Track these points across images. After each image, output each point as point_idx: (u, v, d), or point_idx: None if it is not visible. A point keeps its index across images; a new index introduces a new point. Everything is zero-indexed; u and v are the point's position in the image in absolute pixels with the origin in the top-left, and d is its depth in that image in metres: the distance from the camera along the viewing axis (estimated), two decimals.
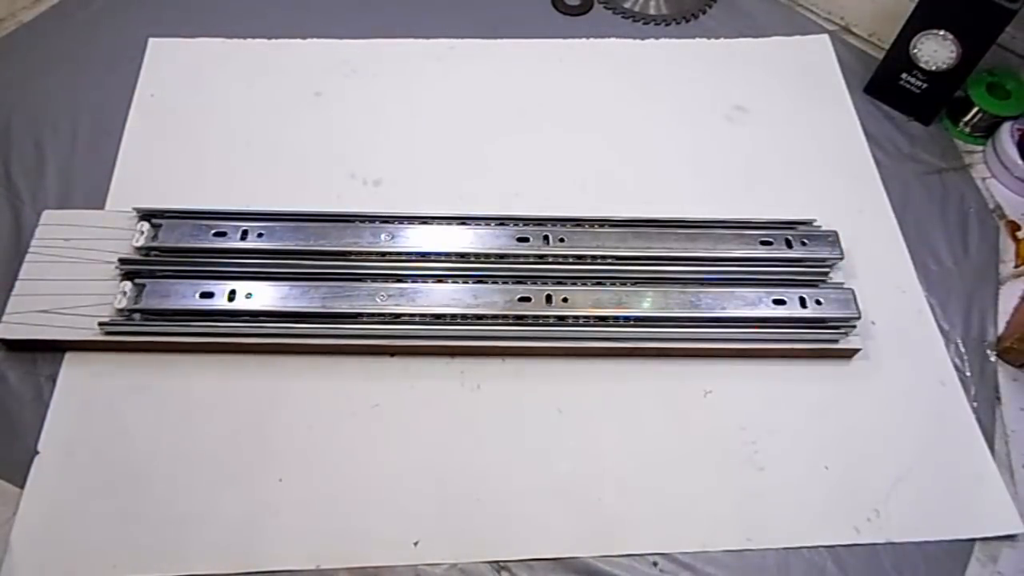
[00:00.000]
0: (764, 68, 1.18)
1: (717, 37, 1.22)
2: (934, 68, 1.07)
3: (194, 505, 0.78)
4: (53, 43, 1.14)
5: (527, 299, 0.87)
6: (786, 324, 0.88)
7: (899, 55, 1.09)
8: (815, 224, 0.96)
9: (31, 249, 0.90)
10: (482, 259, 0.91)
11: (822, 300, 0.89)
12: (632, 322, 0.87)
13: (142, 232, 0.89)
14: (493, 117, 1.10)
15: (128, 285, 0.86)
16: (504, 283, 0.89)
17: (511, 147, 1.06)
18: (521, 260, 0.91)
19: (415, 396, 0.86)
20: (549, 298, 0.88)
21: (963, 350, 0.93)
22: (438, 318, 0.86)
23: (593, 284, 0.90)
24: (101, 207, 0.97)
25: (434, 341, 0.86)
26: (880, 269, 0.97)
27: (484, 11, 1.22)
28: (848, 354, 0.90)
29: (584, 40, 1.20)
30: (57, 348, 0.86)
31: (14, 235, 0.94)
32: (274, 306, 0.86)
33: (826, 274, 0.93)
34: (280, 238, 0.91)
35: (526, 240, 0.92)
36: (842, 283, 0.92)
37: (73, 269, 0.88)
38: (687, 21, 1.24)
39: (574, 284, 0.89)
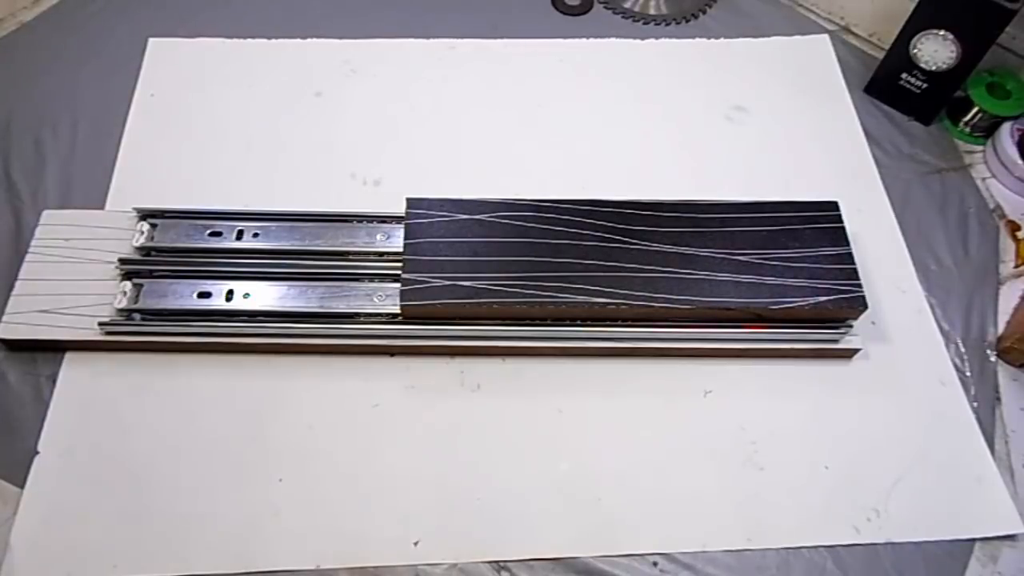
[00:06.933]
0: (764, 68, 1.18)
1: (717, 37, 1.22)
2: (934, 68, 1.07)
3: (194, 505, 0.78)
4: (53, 43, 1.14)
5: None
6: (786, 324, 0.88)
7: (899, 55, 1.09)
8: None
9: (31, 249, 0.90)
10: None
11: None
12: (630, 322, 0.87)
13: (142, 232, 0.90)
14: (493, 117, 1.10)
15: (128, 285, 0.86)
16: None
17: (511, 147, 1.07)
18: None
19: (415, 396, 0.86)
20: None
21: (963, 350, 0.93)
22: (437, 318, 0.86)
23: None
24: (101, 207, 0.97)
25: (434, 341, 0.86)
26: (880, 269, 0.97)
27: (484, 11, 1.22)
28: (848, 354, 0.90)
29: (584, 40, 1.20)
30: (57, 348, 0.86)
31: (14, 235, 0.94)
32: (272, 306, 0.86)
33: None
34: (276, 238, 0.91)
35: None
36: None
37: (73, 269, 0.88)
38: (687, 21, 1.24)
39: None
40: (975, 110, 1.10)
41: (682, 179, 1.05)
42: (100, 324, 0.84)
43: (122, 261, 0.88)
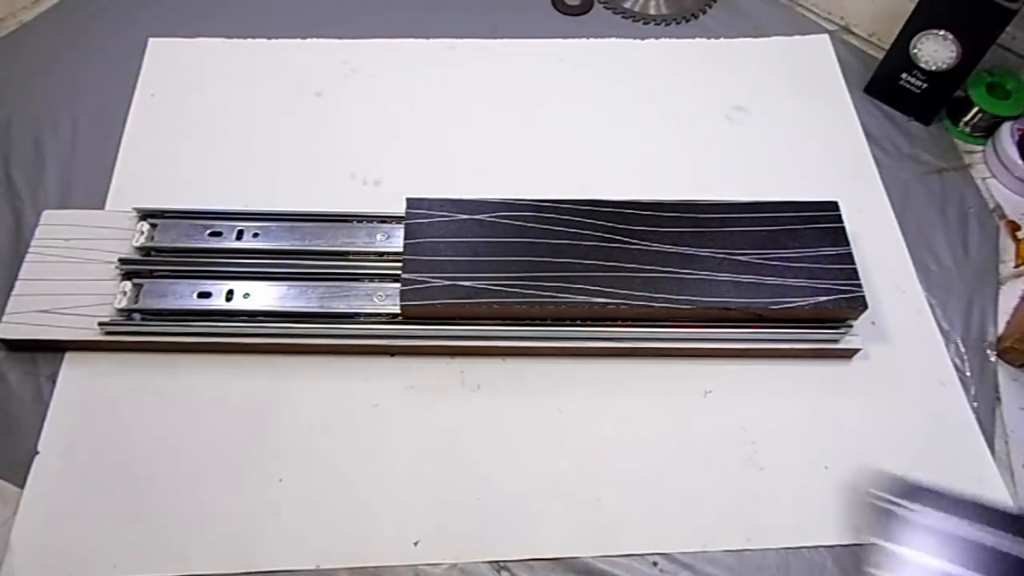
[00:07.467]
0: (764, 68, 1.18)
1: (717, 37, 1.22)
2: (934, 68, 1.07)
3: (194, 505, 0.78)
4: (53, 43, 1.14)
5: None
6: (786, 324, 0.88)
7: (899, 55, 1.09)
8: None
9: (31, 249, 0.90)
10: None
11: None
12: (630, 322, 0.87)
13: (142, 232, 0.90)
14: (493, 117, 1.10)
15: (128, 285, 0.86)
16: None
17: (511, 147, 1.07)
18: None
19: (415, 396, 0.86)
20: None
21: (963, 350, 0.93)
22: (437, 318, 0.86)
23: None
24: (101, 207, 0.97)
25: (434, 341, 0.86)
26: (880, 269, 0.97)
27: (484, 11, 1.22)
28: (848, 354, 0.90)
29: (584, 40, 1.20)
30: (57, 348, 0.86)
31: (14, 235, 0.94)
32: (272, 306, 0.86)
33: None
34: (276, 238, 0.91)
35: None
36: None
37: (73, 269, 0.88)
38: (687, 21, 1.24)
39: None
40: (975, 110, 1.10)
41: (682, 179, 1.05)
42: (100, 324, 0.84)
43: (122, 261, 0.88)
